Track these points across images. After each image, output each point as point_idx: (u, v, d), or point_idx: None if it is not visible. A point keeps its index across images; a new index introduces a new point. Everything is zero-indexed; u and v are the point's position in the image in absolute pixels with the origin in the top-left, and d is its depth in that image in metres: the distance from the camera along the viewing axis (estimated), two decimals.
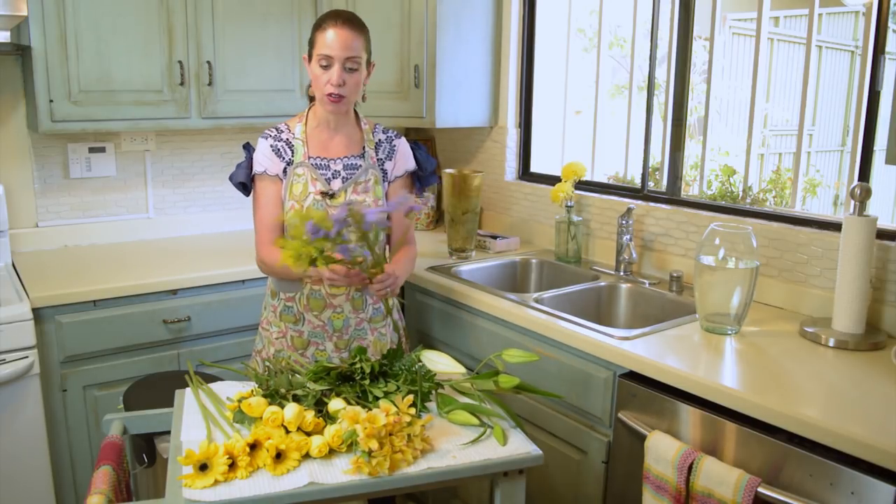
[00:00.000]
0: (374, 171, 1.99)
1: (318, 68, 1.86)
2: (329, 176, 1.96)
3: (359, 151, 2.00)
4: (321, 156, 1.97)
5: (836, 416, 1.37)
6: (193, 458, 1.26)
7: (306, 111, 2.02)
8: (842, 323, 1.78)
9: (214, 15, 2.61)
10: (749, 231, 1.82)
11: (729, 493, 1.42)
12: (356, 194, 1.95)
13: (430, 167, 2.10)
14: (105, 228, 2.85)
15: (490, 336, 2.14)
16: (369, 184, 1.98)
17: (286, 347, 2.01)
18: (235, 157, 3.09)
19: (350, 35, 1.84)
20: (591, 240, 2.63)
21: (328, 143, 1.98)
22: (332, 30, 1.84)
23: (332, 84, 1.85)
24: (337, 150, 1.98)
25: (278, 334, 2.02)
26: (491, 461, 1.38)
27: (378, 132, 2.04)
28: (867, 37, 1.91)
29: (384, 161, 2.02)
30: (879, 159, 1.79)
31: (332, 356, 1.99)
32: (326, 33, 1.84)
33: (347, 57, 1.84)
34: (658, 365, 1.65)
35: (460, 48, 2.79)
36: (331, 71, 1.85)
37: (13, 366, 2.06)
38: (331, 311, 1.97)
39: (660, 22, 2.45)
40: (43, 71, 2.33)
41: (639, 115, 2.82)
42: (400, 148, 2.05)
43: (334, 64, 1.84)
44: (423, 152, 2.10)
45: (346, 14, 1.88)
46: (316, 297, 1.97)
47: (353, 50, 1.85)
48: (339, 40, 1.83)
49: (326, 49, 1.84)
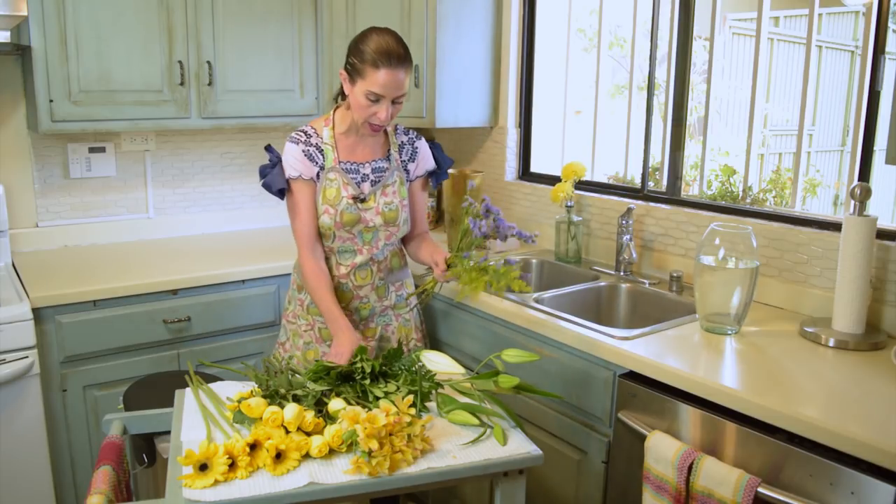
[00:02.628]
0: (399, 173, 2.05)
1: (365, 100, 1.87)
2: (359, 180, 2.01)
3: (384, 154, 2.06)
4: (351, 160, 2.01)
5: (836, 416, 1.37)
6: (193, 458, 1.26)
7: (332, 114, 2.04)
8: (842, 323, 1.78)
9: (214, 15, 2.61)
10: (749, 231, 1.82)
11: (729, 493, 1.42)
12: (385, 196, 2.01)
13: (446, 165, 2.17)
14: (105, 228, 2.85)
15: (490, 336, 2.14)
16: (395, 185, 2.04)
17: (314, 340, 2.07)
18: (235, 157, 3.10)
19: (401, 74, 1.85)
20: (591, 240, 2.63)
21: (356, 148, 2.03)
22: (386, 70, 1.82)
23: (379, 118, 1.89)
24: (365, 155, 2.03)
25: (306, 327, 2.08)
26: (491, 461, 1.38)
27: (400, 134, 2.10)
28: (867, 37, 1.91)
29: (407, 163, 2.08)
30: (879, 159, 1.79)
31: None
32: (379, 73, 1.82)
33: (398, 95, 1.87)
34: (658, 365, 1.65)
35: (460, 48, 2.79)
36: (379, 105, 1.87)
37: (13, 366, 2.06)
38: (357, 301, 2.05)
39: (660, 22, 2.45)
40: (43, 71, 2.34)
41: (639, 115, 2.82)
42: (421, 149, 2.11)
43: (384, 101, 1.87)
44: (440, 151, 2.16)
45: (398, 52, 1.85)
46: (343, 290, 2.04)
47: (403, 87, 1.88)
48: (393, 82, 1.84)
49: (379, 88, 1.84)
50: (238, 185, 3.13)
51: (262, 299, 2.53)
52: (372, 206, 1.99)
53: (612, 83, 4.42)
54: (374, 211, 1.99)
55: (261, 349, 2.55)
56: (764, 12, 2.48)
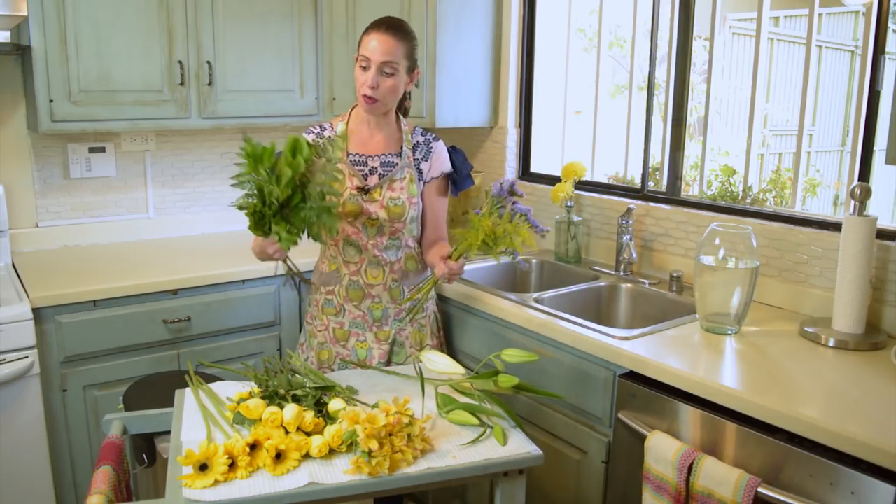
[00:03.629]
0: (409, 170, 2.05)
1: (359, 69, 1.94)
2: (366, 172, 2.02)
3: (396, 150, 2.06)
4: (360, 152, 2.03)
5: (836, 416, 1.37)
6: (193, 458, 1.26)
7: (350, 110, 2.09)
8: (842, 323, 1.78)
9: (214, 15, 2.61)
10: (749, 231, 1.82)
11: (729, 493, 1.42)
12: (391, 191, 2.01)
13: (465, 171, 2.16)
14: (105, 228, 2.85)
15: (490, 336, 2.14)
16: (404, 182, 2.03)
17: (328, 340, 2.08)
18: (235, 157, 3.09)
19: (391, 41, 1.90)
20: (591, 240, 2.63)
21: (368, 141, 2.05)
22: (374, 34, 1.91)
23: (366, 86, 1.92)
24: (375, 148, 2.05)
25: (321, 327, 2.09)
26: (491, 461, 1.38)
27: (417, 134, 2.11)
28: (867, 37, 1.91)
29: (420, 161, 2.08)
30: (879, 159, 1.79)
31: (373, 347, 2.05)
32: (370, 37, 1.91)
33: (384, 62, 1.90)
34: (658, 365, 1.65)
35: (460, 48, 2.79)
36: (367, 73, 1.91)
37: (13, 366, 2.06)
38: (370, 300, 2.05)
39: (660, 22, 2.45)
40: (43, 71, 2.33)
41: (639, 115, 2.82)
42: (436, 150, 2.10)
43: (371, 67, 1.91)
44: (459, 156, 2.16)
45: (392, 21, 1.94)
46: (355, 288, 2.04)
47: (391, 55, 1.90)
48: (379, 45, 1.90)
49: (366, 52, 1.91)
50: None
51: (262, 299, 2.53)
52: (377, 199, 1.99)
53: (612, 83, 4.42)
54: (379, 204, 1.99)
55: (261, 349, 2.55)
56: (764, 12, 2.48)
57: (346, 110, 2.12)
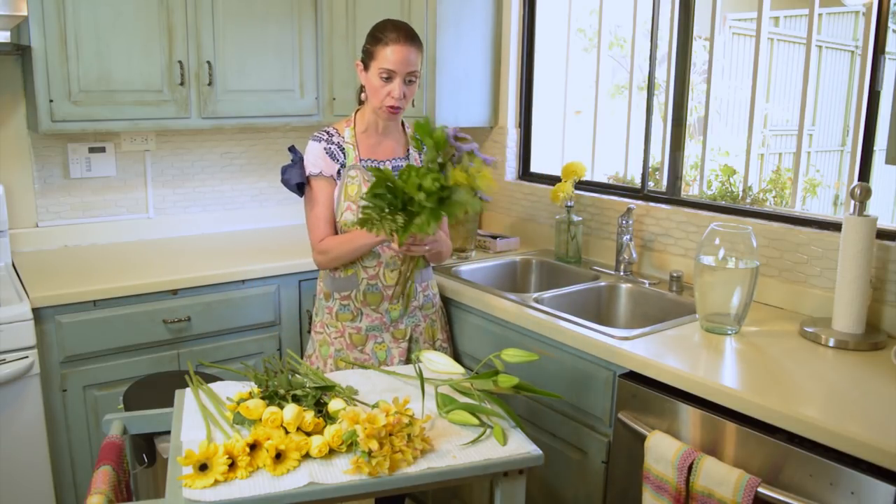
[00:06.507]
0: None
1: (378, 80, 1.93)
2: None
3: (403, 154, 2.09)
4: (371, 158, 2.05)
5: (835, 416, 1.37)
6: (193, 458, 1.26)
7: (353, 115, 2.09)
8: (842, 323, 1.78)
9: (214, 15, 2.61)
10: (749, 231, 1.82)
11: (729, 493, 1.42)
12: None
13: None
14: (105, 228, 2.85)
15: (490, 336, 2.14)
16: None
17: (345, 346, 2.07)
18: (235, 157, 3.09)
19: (412, 51, 1.92)
20: (591, 240, 2.63)
21: (377, 147, 2.07)
22: (394, 46, 1.90)
23: (393, 97, 1.93)
24: (385, 153, 2.07)
25: (336, 334, 2.08)
26: (491, 461, 1.38)
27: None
28: (867, 37, 1.91)
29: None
30: (879, 159, 1.79)
31: (392, 347, 2.07)
32: (388, 49, 1.90)
33: (409, 72, 1.92)
34: (658, 365, 1.65)
35: (460, 48, 2.79)
36: (392, 84, 1.92)
37: (13, 366, 2.06)
38: (387, 302, 2.05)
39: (660, 22, 2.45)
40: (43, 71, 2.33)
41: (639, 115, 2.82)
42: None
43: (396, 78, 1.91)
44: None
45: (406, 29, 1.94)
46: (373, 292, 2.04)
47: (414, 64, 1.93)
48: (402, 56, 1.90)
49: (389, 64, 1.90)
50: (238, 185, 3.13)
51: (263, 299, 2.53)
52: None
53: (612, 83, 4.42)
54: None
55: (261, 349, 2.55)
56: (764, 12, 2.49)
57: (346, 110, 2.12)
